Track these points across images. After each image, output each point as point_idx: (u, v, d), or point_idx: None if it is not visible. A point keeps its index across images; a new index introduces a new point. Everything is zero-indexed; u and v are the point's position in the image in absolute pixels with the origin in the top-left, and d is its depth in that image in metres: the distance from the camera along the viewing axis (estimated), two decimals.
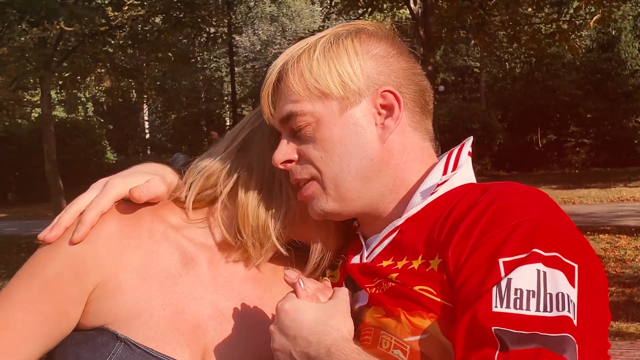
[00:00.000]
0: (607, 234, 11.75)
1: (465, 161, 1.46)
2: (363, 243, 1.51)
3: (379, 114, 1.43)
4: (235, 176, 1.56)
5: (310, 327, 1.27)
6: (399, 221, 1.42)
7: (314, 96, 1.41)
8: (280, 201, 1.53)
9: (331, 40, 1.44)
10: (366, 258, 1.46)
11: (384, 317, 1.34)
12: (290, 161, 1.47)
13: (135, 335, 1.41)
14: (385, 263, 1.39)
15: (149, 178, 1.53)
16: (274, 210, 1.53)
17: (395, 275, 1.34)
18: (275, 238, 1.53)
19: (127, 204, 1.50)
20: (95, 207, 1.44)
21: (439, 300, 1.26)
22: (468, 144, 1.49)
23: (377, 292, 1.38)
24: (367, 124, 1.42)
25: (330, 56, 1.42)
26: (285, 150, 1.46)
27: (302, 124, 1.42)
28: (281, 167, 1.47)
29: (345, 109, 1.41)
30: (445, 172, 1.43)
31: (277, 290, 1.58)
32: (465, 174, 1.46)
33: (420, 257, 1.33)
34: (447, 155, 1.48)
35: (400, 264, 1.36)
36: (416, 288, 1.29)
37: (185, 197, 1.58)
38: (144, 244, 1.48)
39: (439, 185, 1.41)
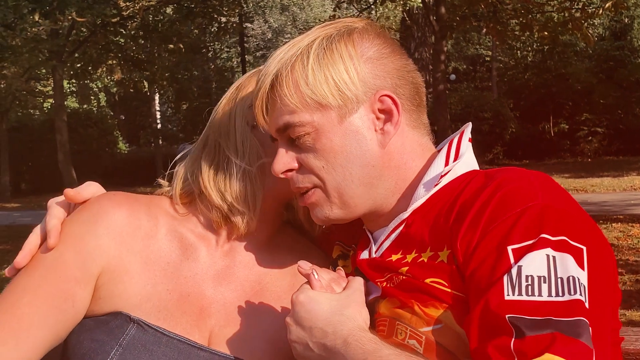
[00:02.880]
0: (619, 223, 11.71)
1: (467, 148, 1.45)
2: (370, 237, 1.51)
3: (378, 119, 1.41)
4: (200, 165, 1.60)
5: (325, 318, 1.28)
6: (405, 214, 1.42)
7: (312, 107, 1.39)
8: (232, 170, 1.56)
9: (324, 45, 1.40)
10: (375, 252, 1.46)
11: (398, 308, 1.34)
12: (290, 170, 1.45)
13: (148, 317, 1.43)
14: (394, 257, 1.40)
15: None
16: (231, 177, 1.56)
17: (405, 269, 1.35)
18: (248, 202, 1.55)
19: (123, 194, 1.55)
20: (51, 218, 1.50)
21: (450, 291, 1.27)
22: (468, 131, 1.48)
23: (388, 286, 1.38)
24: (367, 131, 1.40)
25: (325, 64, 1.39)
26: (284, 160, 1.44)
27: (301, 134, 1.40)
28: (282, 176, 1.45)
29: (344, 117, 1.39)
30: (447, 163, 1.42)
31: (276, 274, 1.61)
32: (467, 161, 1.45)
33: (428, 250, 1.33)
34: (447, 144, 1.47)
35: (409, 258, 1.36)
36: (427, 280, 1.30)
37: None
38: (143, 226, 1.51)
39: (442, 176, 1.40)
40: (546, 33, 14.75)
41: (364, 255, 1.49)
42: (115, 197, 1.53)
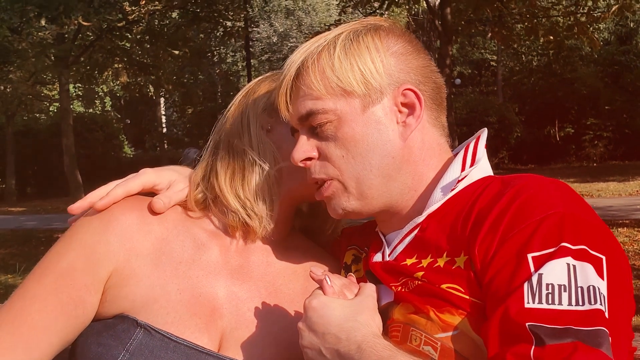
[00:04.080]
0: (625, 228, 11.67)
1: (483, 154, 1.45)
2: (383, 240, 1.50)
3: (400, 112, 1.42)
4: (215, 171, 1.61)
5: (338, 324, 1.27)
6: (420, 218, 1.41)
7: (336, 94, 1.40)
8: (253, 172, 1.57)
9: (351, 37, 1.43)
10: (388, 256, 1.45)
11: (412, 314, 1.33)
12: (309, 159, 1.46)
13: (155, 320, 1.43)
14: (409, 261, 1.39)
15: (177, 178, 1.61)
16: (249, 181, 1.57)
17: (421, 273, 1.34)
18: (267, 202, 1.56)
19: (134, 198, 1.55)
20: (124, 186, 1.53)
21: (467, 297, 1.26)
22: (484, 137, 1.48)
23: (403, 290, 1.37)
24: (389, 122, 1.41)
25: (352, 53, 1.40)
26: (304, 148, 1.45)
27: (324, 122, 1.41)
28: (300, 164, 1.45)
29: (367, 106, 1.40)
30: (463, 167, 1.41)
31: (289, 276, 1.61)
32: (483, 166, 1.45)
33: (444, 255, 1.32)
34: (463, 149, 1.47)
35: (425, 262, 1.35)
36: (443, 286, 1.28)
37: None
38: (154, 230, 1.51)
39: (459, 181, 1.40)
40: (551, 37, 14.76)
41: (377, 258, 1.48)
42: (126, 202, 1.53)
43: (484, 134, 1.49)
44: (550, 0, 14.77)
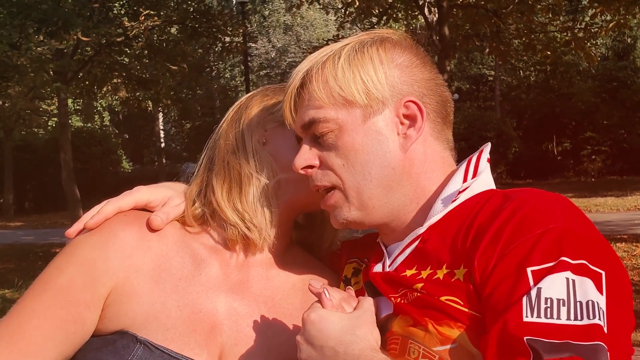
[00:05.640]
0: (623, 243, 11.68)
1: (485, 167, 1.45)
2: (384, 251, 1.50)
3: (402, 123, 1.42)
4: (212, 186, 1.61)
5: (337, 337, 1.27)
6: (421, 229, 1.41)
7: (338, 103, 1.41)
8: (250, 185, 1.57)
9: (356, 48, 1.44)
10: (389, 267, 1.45)
11: (411, 327, 1.33)
12: (311, 167, 1.47)
13: (154, 336, 1.42)
14: (409, 272, 1.38)
15: (172, 194, 1.61)
16: (247, 194, 1.57)
17: (420, 285, 1.33)
18: (266, 212, 1.56)
19: (133, 214, 1.55)
20: (115, 202, 1.53)
21: (466, 310, 1.26)
22: (486, 151, 1.48)
23: (402, 302, 1.37)
24: (390, 133, 1.42)
25: (355, 64, 1.42)
26: (306, 156, 1.46)
27: (325, 131, 1.42)
28: (302, 172, 1.47)
29: (368, 117, 1.41)
30: (465, 179, 1.42)
31: (288, 290, 1.61)
32: (485, 180, 1.45)
33: (444, 267, 1.32)
34: (466, 162, 1.47)
35: (424, 274, 1.35)
36: (442, 298, 1.28)
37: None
38: (153, 247, 1.51)
39: (460, 192, 1.40)
40: (549, 53, 14.81)
41: (377, 268, 1.48)
42: (125, 218, 1.53)
43: (487, 147, 1.49)
44: (548, 16, 14.82)
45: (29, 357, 1.36)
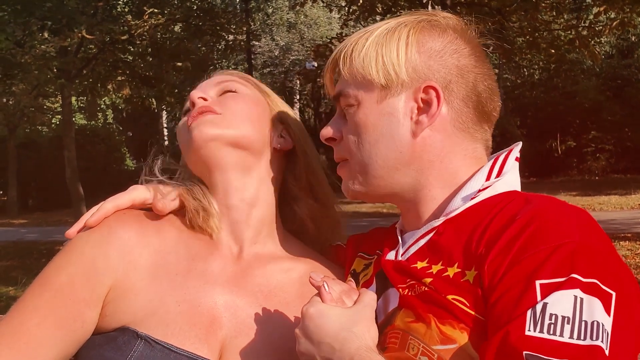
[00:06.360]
0: (627, 241, 11.66)
1: (512, 167, 1.43)
2: (399, 239, 1.50)
3: (418, 108, 1.41)
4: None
5: (334, 334, 1.27)
6: (437, 222, 1.40)
7: (358, 81, 1.44)
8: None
9: (390, 28, 1.45)
10: (401, 255, 1.44)
11: (413, 322, 1.32)
12: (333, 139, 1.52)
13: (155, 332, 1.42)
14: (419, 264, 1.37)
15: (168, 190, 1.63)
16: None
17: (429, 280, 1.32)
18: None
19: (132, 212, 1.57)
20: (113, 201, 1.55)
21: (471, 312, 1.24)
22: (516, 150, 1.46)
23: (409, 294, 1.36)
24: (402, 116, 1.41)
25: (381, 43, 1.42)
26: (329, 129, 1.52)
27: (346, 105, 1.47)
28: (325, 142, 1.54)
29: (384, 97, 1.42)
30: (488, 178, 1.39)
31: (285, 280, 1.62)
32: (510, 180, 1.43)
33: (456, 265, 1.31)
34: (492, 159, 1.45)
35: (435, 269, 1.34)
36: (449, 297, 1.27)
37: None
38: (152, 243, 1.53)
39: (480, 190, 1.38)
40: (553, 51, 14.78)
41: (390, 256, 1.47)
42: (124, 216, 1.54)
43: (517, 147, 1.47)
44: (552, 14, 14.78)
45: (30, 355, 1.36)
